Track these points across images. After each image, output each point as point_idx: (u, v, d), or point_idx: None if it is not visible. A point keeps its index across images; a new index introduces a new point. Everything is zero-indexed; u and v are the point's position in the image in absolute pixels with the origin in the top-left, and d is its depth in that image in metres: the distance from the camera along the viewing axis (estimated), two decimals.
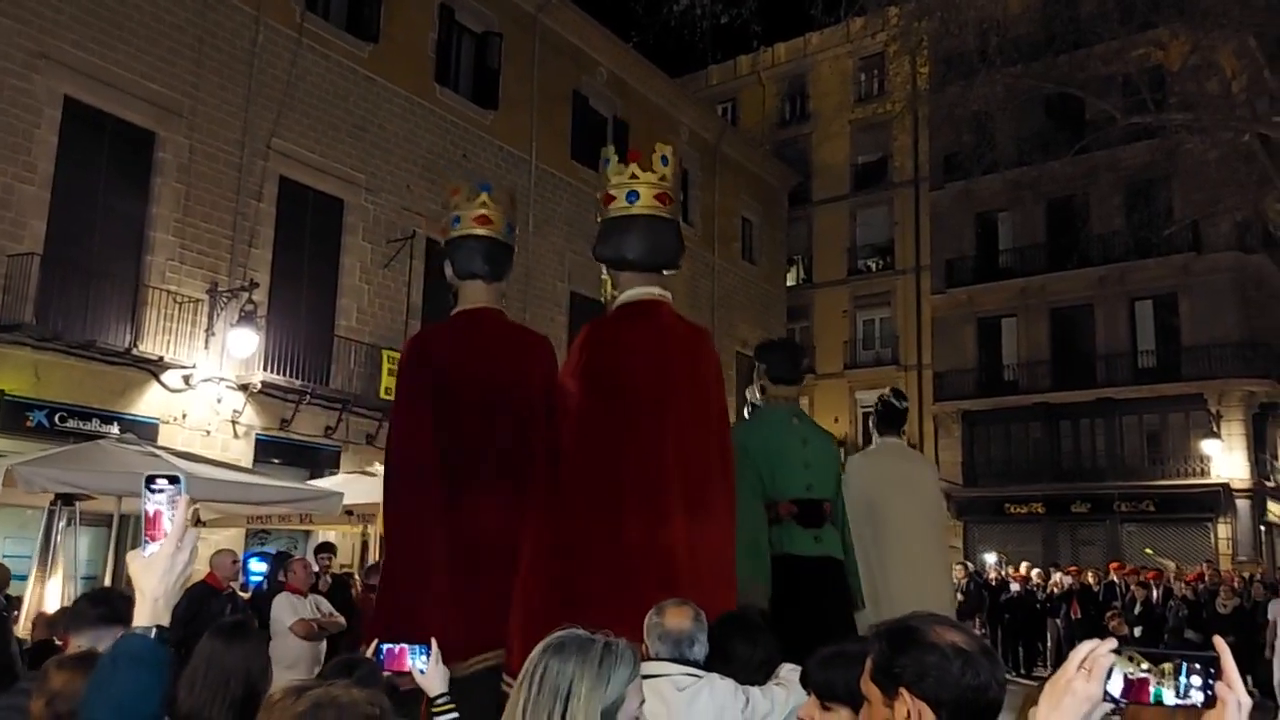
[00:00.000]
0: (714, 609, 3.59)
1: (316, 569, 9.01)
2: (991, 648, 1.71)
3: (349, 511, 11.14)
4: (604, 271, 4.50)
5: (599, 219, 4.52)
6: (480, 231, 4.65)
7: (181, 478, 1.67)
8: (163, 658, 1.58)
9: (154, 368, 14.12)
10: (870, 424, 6.49)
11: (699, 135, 26.50)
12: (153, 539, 1.62)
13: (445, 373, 4.41)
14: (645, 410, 4.07)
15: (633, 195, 4.32)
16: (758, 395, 5.51)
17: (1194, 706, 1.36)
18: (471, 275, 4.65)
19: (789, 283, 31.47)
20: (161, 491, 1.65)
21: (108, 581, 9.63)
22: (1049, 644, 17.16)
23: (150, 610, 1.57)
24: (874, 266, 31.25)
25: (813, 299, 31.61)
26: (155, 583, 1.57)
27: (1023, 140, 22.81)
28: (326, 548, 10.87)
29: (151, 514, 1.65)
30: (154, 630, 1.56)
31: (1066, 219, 27.06)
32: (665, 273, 4.50)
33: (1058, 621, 16.89)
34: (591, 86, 22.70)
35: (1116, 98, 17.60)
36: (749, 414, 5.50)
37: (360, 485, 11.92)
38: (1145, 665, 1.38)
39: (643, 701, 1.84)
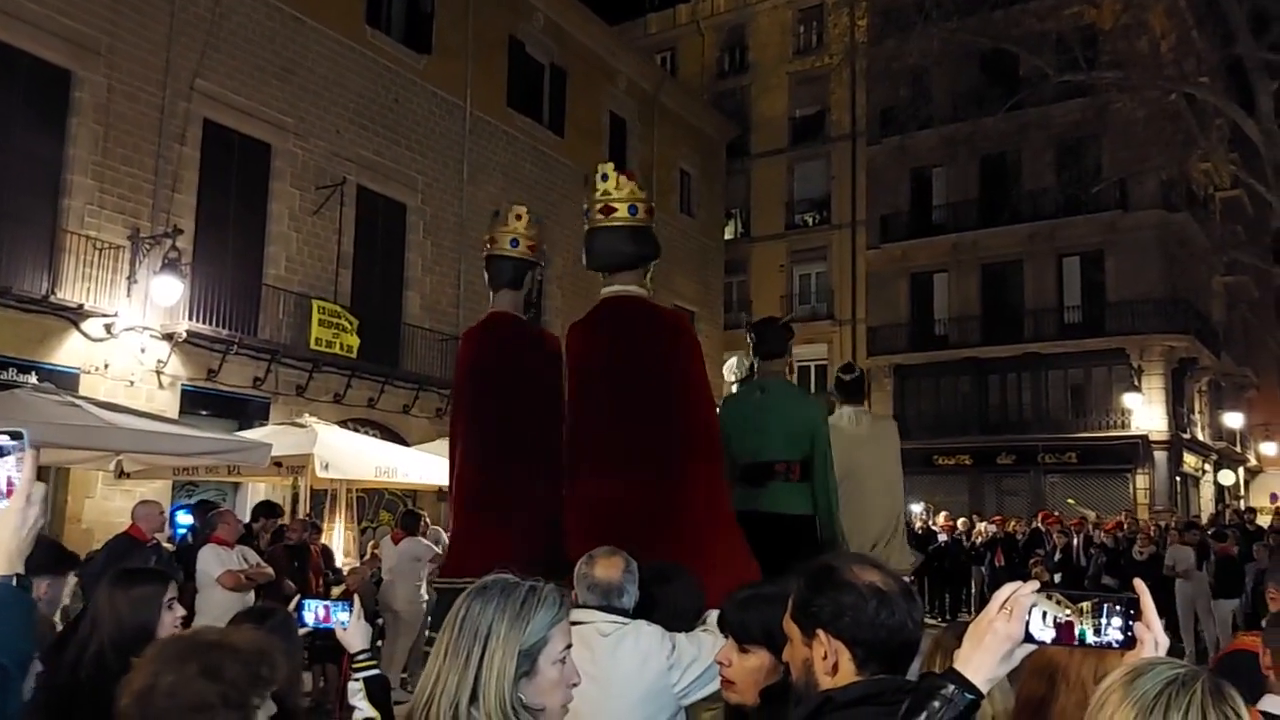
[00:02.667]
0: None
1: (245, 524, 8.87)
2: (910, 588, 1.71)
3: (278, 463, 10.96)
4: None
5: (591, 226, 5.25)
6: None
7: (25, 433, 1.67)
8: (27, 601, 1.64)
9: (73, 315, 13.67)
10: (836, 391, 7.05)
11: (637, 85, 26.23)
12: (6, 495, 1.64)
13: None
14: (597, 385, 4.80)
15: (634, 209, 5.15)
16: (731, 368, 6.79)
17: (1112, 646, 1.38)
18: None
19: (727, 236, 31.50)
20: (6, 447, 1.66)
21: None
22: (973, 590, 17.66)
23: (5, 562, 1.60)
24: (811, 221, 31.40)
25: (750, 253, 31.70)
26: (8, 537, 1.60)
27: (958, 96, 23.03)
28: (269, 509, 10.63)
29: None
30: (13, 579, 1.60)
31: (999, 175, 27.46)
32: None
33: (982, 569, 17.39)
34: (528, 32, 22.30)
35: (1050, 55, 17.80)
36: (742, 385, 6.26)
37: (290, 437, 11.74)
38: (1068, 608, 1.39)
39: (569, 645, 1.82)
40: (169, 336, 14.66)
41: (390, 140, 18.69)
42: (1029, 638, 1.39)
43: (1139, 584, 1.42)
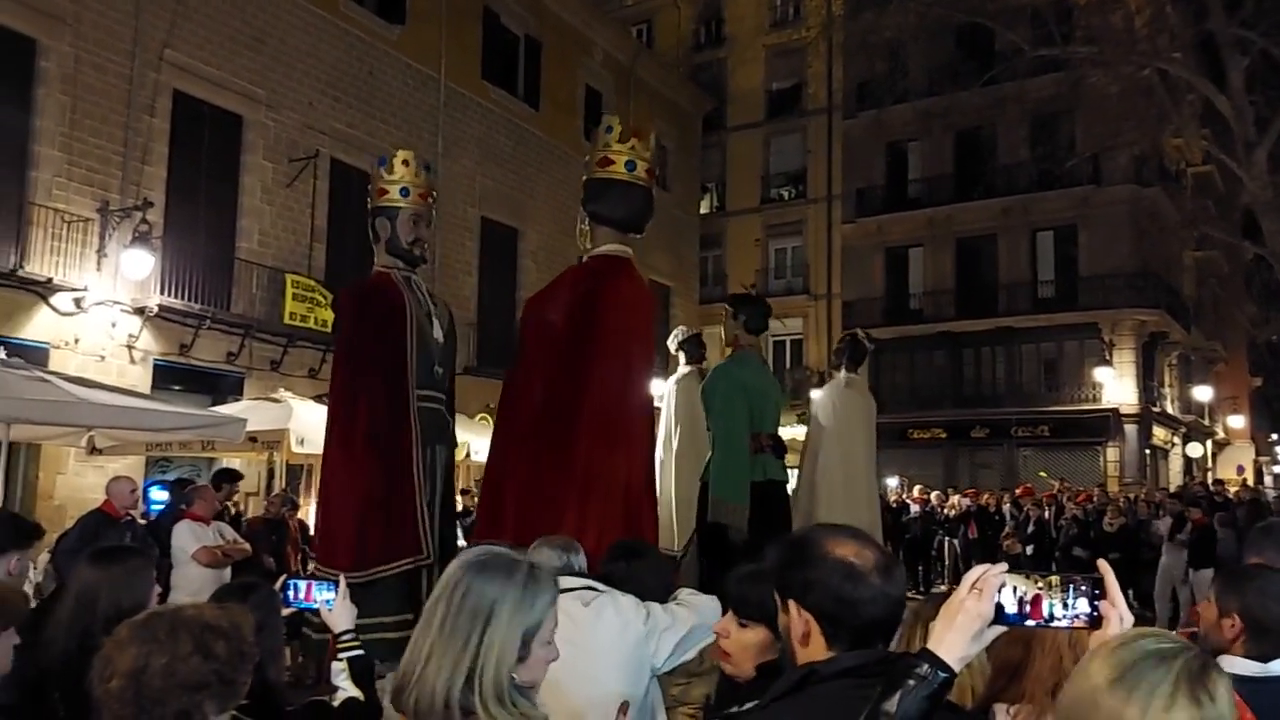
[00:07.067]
0: (624, 527, 4.43)
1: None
2: (891, 563, 1.73)
3: (253, 438, 10.90)
4: (584, 222, 5.25)
5: (586, 176, 5.28)
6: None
7: None
8: None
9: (42, 289, 13.49)
10: (837, 357, 7.52)
11: (613, 57, 26.06)
12: None
13: None
14: (611, 351, 4.84)
15: (631, 165, 5.12)
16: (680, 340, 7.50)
17: (1079, 624, 1.43)
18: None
19: (702, 210, 31.45)
20: None
21: None
22: (946, 562, 17.87)
23: None
24: (787, 195, 31.38)
25: (725, 227, 31.67)
26: None
27: (933, 70, 23.04)
28: (229, 475, 10.45)
29: None
30: None
31: (974, 150, 27.55)
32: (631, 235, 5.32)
33: (955, 541, 17.59)
34: (503, 3, 22.06)
35: (1025, 29, 17.84)
36: (730, 356, 6.49)
37: (265, 412, 11.68)
38: (1038, 582, 1.44)
39: (555, 625, 1.80)
40: (140, 311, 14.50)
41: (364, 113, 18.49)
42: (999, 618, 1.43)
43: (1103, 564, 1.47)
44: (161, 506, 10.73)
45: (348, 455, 5.18)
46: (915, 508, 18.39)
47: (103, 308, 14.14)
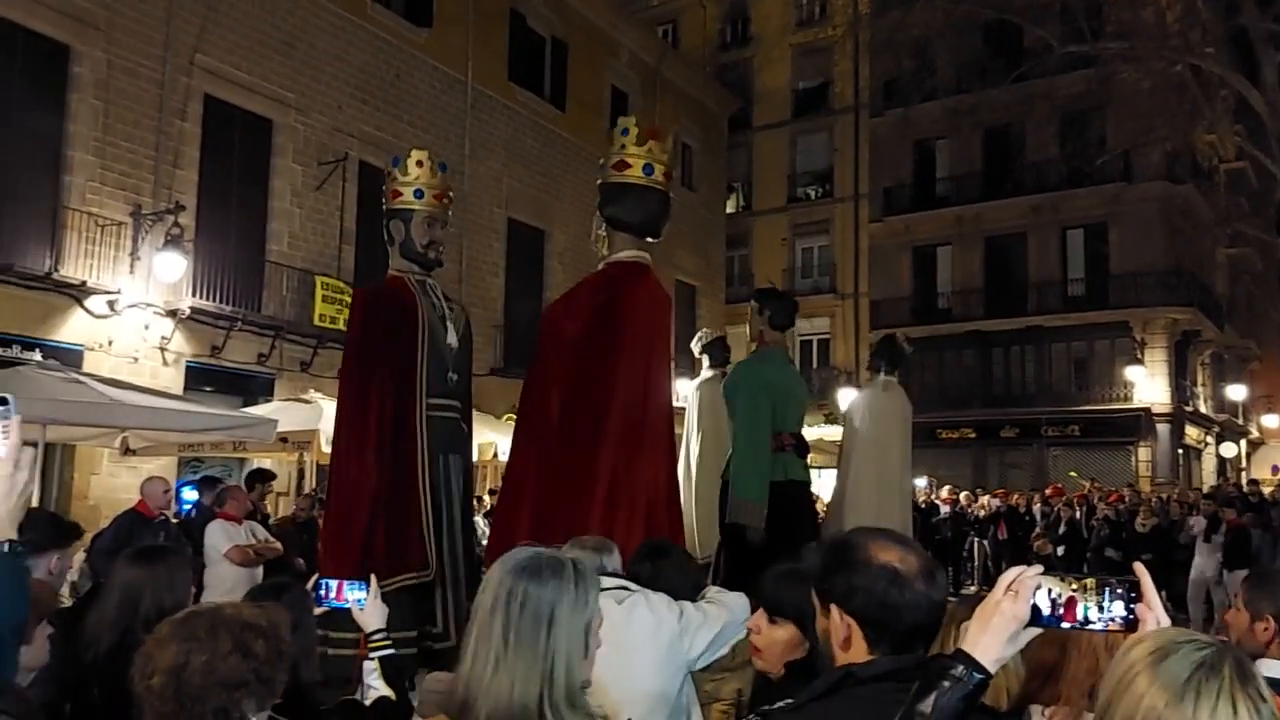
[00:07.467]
0: (645, 531, 4.41)
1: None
2: (933, 568, 1.72)
3: (283, 439, 10.99)
4: (600, 227, 5.17)
5: (601, 181, 5.18)
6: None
7: (11, 399, 1.66)
8: (19, 565, 1.63)
9: (77, 293, 13.67)
10: (876, 360, 7.44)
11: (639, 58, 26.07)
12: None
13: None
14: (632, 360, 4.81)
15: (649, 168, 5.03)
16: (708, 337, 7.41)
17: (1115, 627, 1.42)
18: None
19: (728, 210, 31.39)
20: None
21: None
22: (975, 563, 17.74)
23: None
24: (813, 194, 31.28)
25: (752, 226, 31.60)
26: None
27: (961, 68, 22.90)
28: (262, 476, 10.59)
29: None
30: (5, 545, 1.60)
31: (1003, 147, 27.33)
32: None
33: (984, 542, 17.46)
34: (529, 4, 22.13)
35: (1054, 25, 17.69)
36: (754, 353, 6.37)
37: (295, 412, 11.78)
38: (1072, 584, 1.43)
39: (602, 620, 1.80)
40: (172, 313, 14.66)
41: (392, 115, 18.61)
42: (1035, 620, 1.43)
43: (1139, 567, 1.46)
44: (192, 506, 10.85)
45: (357, 464, 5.06)
46: (945, 508, 18.26)
47: (136, 310, 14.31)
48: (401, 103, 18.86)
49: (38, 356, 11.37)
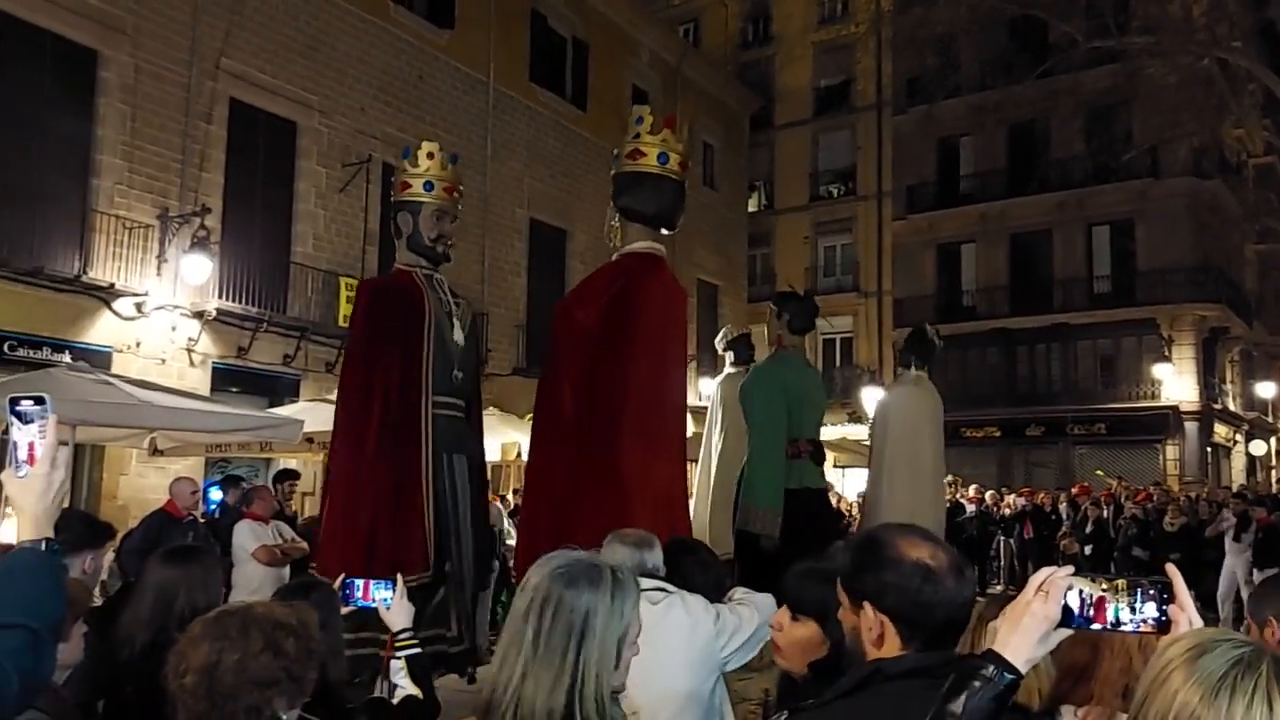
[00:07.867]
0: (663, 528, 4.14)
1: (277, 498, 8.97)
2: (962, 563, 1.72)
3: (309, 439, 11.04)
4: (614, 218, 5.03)
5: (615, 171, 5.02)
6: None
7: (48, 399, 1.67)
8: (57, 564, 1.64)
9: (105, 295, 13.82)
10: (905, 354, 7.43)
11: (660, 57, 26.06)
12: (29, 461, 1.64)
13: None
14: (647, 352, 4.68)
15: (664, 157, 4.87)
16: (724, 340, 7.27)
17: (1147, 628, 1.41)
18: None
19: (750, 209, 31.31)
20: (29, 413, 1.66)
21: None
22: (1001, 562, 17.61)
23: (34, 527, 1.61)
24: (836, 192, 31.13)
25: (774, 225, 31.50)
26: (35, 501, 1.61)
27: (985, 64, 22.75)
28: (289, 475, 10.70)
29: (21, 436, 1.66)
30: (43, 543, 1.61)
31: (1027, 144, 27.13)
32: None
33: (1010, 541, 17.33)
34: (550, 5, 22.17)
35: (1079, 20, 17.53)
36: (771, 355, 6.27)
37: (321, 413, 11.76)
38: (1103, 584, 1.42)
39: (640, 628, 1.79)
40: (199, 315, 14.80)
41: (414, 117, 18.68)
42: (1066, 621, 1.42)
43: (1171, 568, 1.45)
44: (217, 506, 10.94)
45: (359, 462, 4.96)
46: (970, 507, 18.14)
47: (163, 312, 14.45)
48: (424, 104, 18.94)
49: (67, 358, 11.53)
